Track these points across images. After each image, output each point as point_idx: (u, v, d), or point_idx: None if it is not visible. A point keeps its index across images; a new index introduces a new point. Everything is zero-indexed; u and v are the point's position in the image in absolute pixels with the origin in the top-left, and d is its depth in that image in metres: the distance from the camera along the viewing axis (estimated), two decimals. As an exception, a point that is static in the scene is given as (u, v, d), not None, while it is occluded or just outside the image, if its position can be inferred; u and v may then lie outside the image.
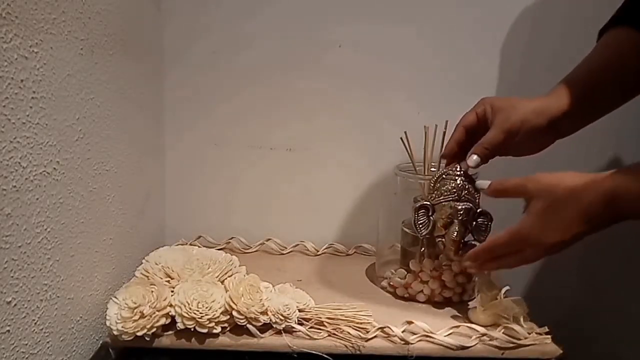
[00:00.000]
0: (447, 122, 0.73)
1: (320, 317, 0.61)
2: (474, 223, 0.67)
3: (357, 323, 0.61)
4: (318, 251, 0.88)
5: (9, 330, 0.44)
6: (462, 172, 0.67)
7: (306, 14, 0.85)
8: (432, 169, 0.75)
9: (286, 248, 0.88)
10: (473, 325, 0.62)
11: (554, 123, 0.64)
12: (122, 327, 0.56)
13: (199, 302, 0.58)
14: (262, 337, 0.59)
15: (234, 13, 0.85)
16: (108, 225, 0.64)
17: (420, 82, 0.88)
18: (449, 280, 0.69)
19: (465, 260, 0.63)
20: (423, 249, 0.70)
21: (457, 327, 0.62)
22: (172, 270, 0.63)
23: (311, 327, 0.60)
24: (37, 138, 0.47)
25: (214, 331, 0.58)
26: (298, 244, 0.89)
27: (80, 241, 0.56)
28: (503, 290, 0.70)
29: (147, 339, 0.57)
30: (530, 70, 0.88)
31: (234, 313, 0.58)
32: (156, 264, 0.64)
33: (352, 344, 0.59)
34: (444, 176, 0.67)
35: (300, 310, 0.61)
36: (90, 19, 0.56)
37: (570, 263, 0.95)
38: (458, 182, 0.66)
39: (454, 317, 0.66)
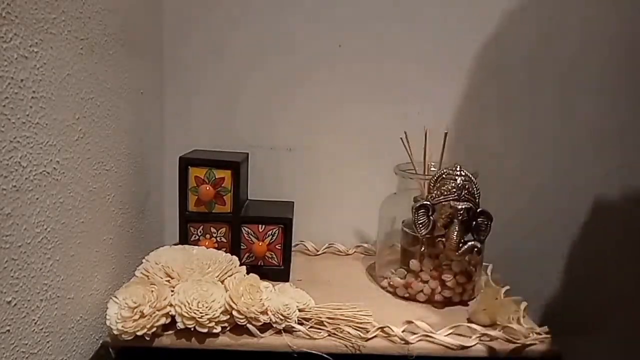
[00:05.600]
0: (448, 122, 0.73)
1: (320, 317, 0.61)
2: (474, 223, 0.67)
3: (357, 323, 0.61)
4: (318, 251, 0.88)
5: (9, 330, 0.44)
6: (462, 172, 0.67)
7: (306, 14, 0.85)
8: (432, 169, 0.75)
9: (286, 248, 0.88)
10: (473, 325, 0.62)
11: None
12: (122, 326, 0.56)
13: (199, 302, 0.58)
14: (262, 337, 0.59)
15: (234, 13, 0.85)
16: (108, 225, 0.64)
17: (421, 82, 0.88)
18: (449, 280, 0.69)
19: None
20: (423, 248, 0.70)
21: (457, 327, 0.62)
22: (172, 270, 0.63)
23: (311, 327, 0.60)
24: (37, 138, 0.47)
25: (214, 331, 0.58)
26: (298, 244, 0.89)
27: (80, 241, 0.56)
28: (503, 290, 0.70)
29: (147, 338, 0.57)
30: (530, 71, 0.88)
31: (234, 313, 0.58)
32: (156, 263, 0.64)
33: (352, 344, 0.59)
34: (443, 176, 0.67)
35: (300, 310, 0.61)
36: (90, 18, 0.56)
37: (571, 262, 0.95)
38: (458, 181, 0.66)
39: (454, 317, 0.66)
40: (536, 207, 0.93)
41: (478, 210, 0.67)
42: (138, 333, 0.56)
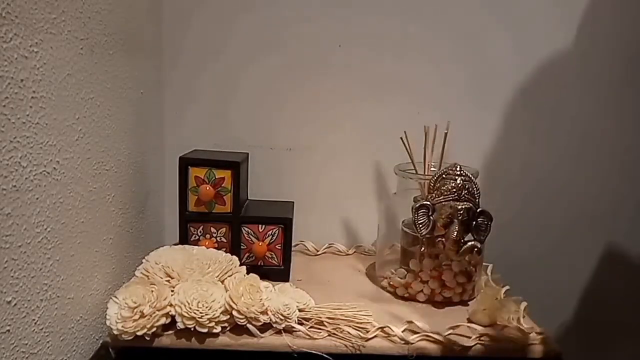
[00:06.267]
0: (448, 122, 0.73)
1: (320, 317, 0.61)
2: (474, 222, 0.67)
3: (357, 323, 0.61)
4: (318, 251, 0.88)
5: (9, 330, 0.44)
6: (462, 172, 0.67)
7: (306, 14, 0.85)
8: (432, 169, 0.75)
9: (286, 248, 0.88)
10: (473, 325, 0.62)
11: None
12: (122, 326, 0.56)
13: (199, 302, 0.58)
14: (262, 337, 0.59)
15: (234, 13, 0.85)
16: (108, 225, 0.64)
17: (420, 82, 0.88)
18: (449, 280, 0.69)
19: None
20: (423, 248, 0.70)
21: (457, 327, 0.62)
22: (172, 270, 0.63)
23: (311, 327, 0.60)
24: (37, 138, 0.47)
25: (214, 331, 0.58)
26: (298, 244, 0.89)
27: (80, 241, 0.56)
28: (503, 290, 0.70)
29: (147, 338, 0.57)
30: (531, 71, 0.88)
31: (234, 313, 0.58)
32: (156, 263, 0.64)
33: (352, 344, 0.59)
34: (444, 176, 0.67)
35: (300, 310, 0.61)
36: (90, 18, 0.56)
37: (571, 261, 0.95)
38: (458, 181, 0.66)
39: (454, 317, 0.66)
40: (536, 207, 0.93)
41: (478, 210, 0.67)
42: (138, 333, 0.56)
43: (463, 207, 0.65)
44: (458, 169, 0.67)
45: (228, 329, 0.60)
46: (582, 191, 0.92)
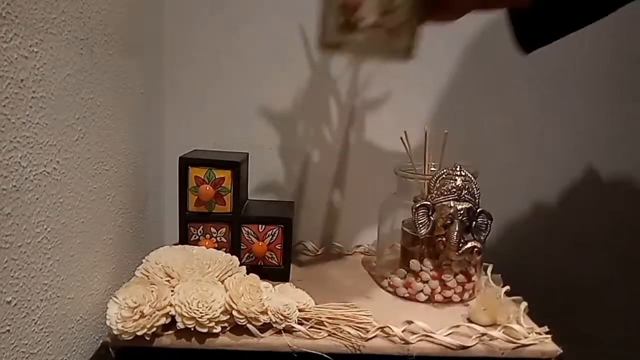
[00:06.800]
0: (448, 122, 0.73)
1: (320, 317, 0.61)
2: (474, 223, 0.67)
3: (357, 323, 0.61)
4: (318, 251, 0.88)
5: (9, 330, 0.44)
6: (462, 172, 0.67)
7: (305, 14, 0.85)
8: (432, 169, 0.75)
9: (286, 248, 0.88)
10: (473, 325, 0.62)
11: None
12: (122, 326, 0.56)
13: (199, 302, 0.58)
14: (262, 337, 0.59)
15: (234, 13, 0.85)
16: (108, 225, 0.64)
17: (421, 81, 0.88)
18: (449, 280, 0.69)
19: None
20: (423, 248, 0.70)
21: (457, 327, 0.62)
22: (172, 270, 0.63)
23: (311, 327, 0.60)
24: (37, 138, 0.47)
25: (214, 331, 0.58)
26: (298, 244, 0.89)
27: (80, 241, 0.56)
28: (503, 290, 0.70)
29: (147, 338, 0.57)
30: (532, 72, 0.88)
31: (234, 313, 0.58)
32: (156, 263, 0.64)
33: (352, 344, 0.59)
34: (443, 176, 0.67)
35: (300, 310, 0.61)
36: (90, 18, 0.56)
37: (570, 261, 0.95)
38: (458, 182, 0.66)
39: (454, 317, 0.66)
40: (536, 206, 0.93)
41: (478, 210, 0.67)
42: (138, 333, 0.56)
43: (463, 207, 0.65)
44: (458, 169, 0.67)
45: (228, 329, 0.60)
46: (582, 191, 0.92)
